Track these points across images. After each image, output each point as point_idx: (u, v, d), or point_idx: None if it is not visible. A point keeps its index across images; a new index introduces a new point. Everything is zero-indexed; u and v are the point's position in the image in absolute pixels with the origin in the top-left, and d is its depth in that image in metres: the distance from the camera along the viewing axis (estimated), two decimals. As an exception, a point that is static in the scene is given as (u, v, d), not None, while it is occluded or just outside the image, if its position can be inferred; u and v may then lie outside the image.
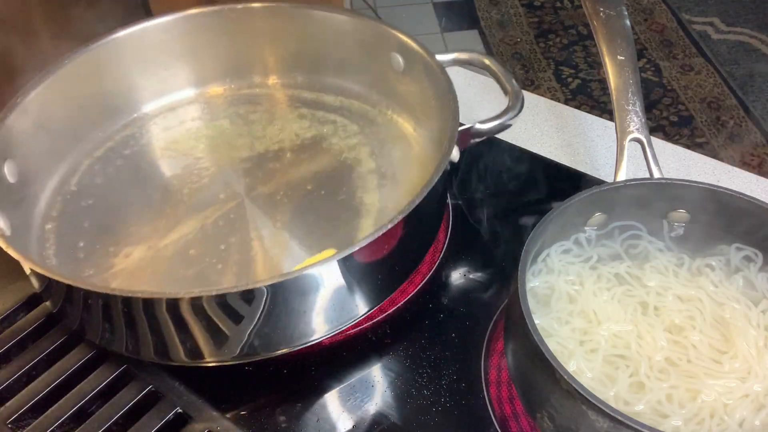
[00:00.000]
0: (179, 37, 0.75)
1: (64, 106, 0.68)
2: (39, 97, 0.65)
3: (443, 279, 0.65)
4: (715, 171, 0.76)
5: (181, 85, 0.78)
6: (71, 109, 0.69)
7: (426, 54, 0.67)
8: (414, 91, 0.71)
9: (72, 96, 0.69)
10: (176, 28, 0.74)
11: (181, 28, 0.75)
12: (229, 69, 0.79)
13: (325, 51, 0.76)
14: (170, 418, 0.54)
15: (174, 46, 0.75)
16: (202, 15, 0.74)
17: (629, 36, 0.65)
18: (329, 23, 0.74)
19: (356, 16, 0.73)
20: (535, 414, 0.50)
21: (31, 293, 0.63)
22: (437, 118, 0.66)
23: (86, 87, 0.70)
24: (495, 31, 2.52)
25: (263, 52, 0.78)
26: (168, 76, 0.77)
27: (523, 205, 0.72)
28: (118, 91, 0.74)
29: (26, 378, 0.57)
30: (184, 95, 0.79)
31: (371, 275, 0.55)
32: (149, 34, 0.73)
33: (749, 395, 0.48)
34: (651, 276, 0.55)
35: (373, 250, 0.52)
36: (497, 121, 0.62)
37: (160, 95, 0.77)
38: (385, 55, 0.72)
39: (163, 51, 0.75)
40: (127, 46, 0.72)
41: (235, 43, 0.77)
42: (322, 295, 0.52)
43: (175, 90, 0.78)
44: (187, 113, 0.77)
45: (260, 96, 0.78)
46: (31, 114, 0.65)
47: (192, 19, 0.75)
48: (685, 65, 2.32)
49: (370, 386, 0.57)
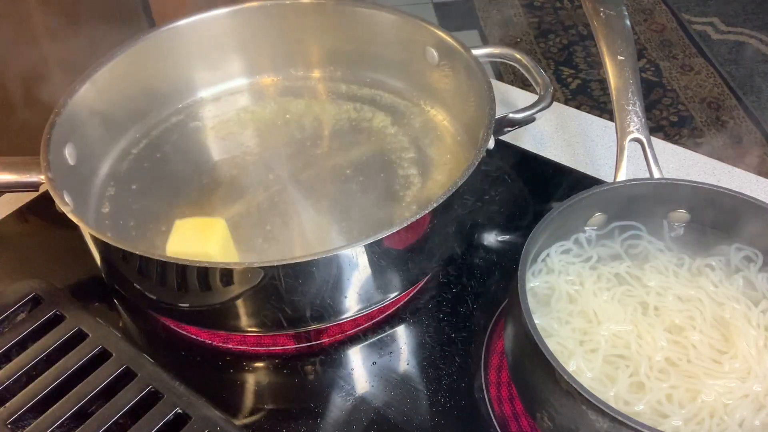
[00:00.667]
0: (232, 29, 0.78)
1: (119, 92, 0.72)
2: (95, 85, 0.68)
3: (443, 279, 0.65)
4: (715, 171, 0.76)
5: (232, 75, 0.82)
6: (125, 95, 0.73)
7: (462, 48, 0.70)
8: (448, 84, 0.74)
9: (126, 83, 0.72)
10: (230, 20, 0.78)
11: (235, 20, 0.78)
12: (278, 61, 0.82)
13: (364, 46, 0.80)
14: (170, 418, 0.54)
15: (227, 37, 0.79)
16: (254, 9, 0.78)
17: (629, 36, 0.65)
18: (370, 19, 0.77)
19: (395, 13, 0.76)
20: (535, 414, 0.50)
21: (32, 293, 0.63)
22: (470, 109, 0.70)
23: (141, 75, 0.74)
24: (495, 31, 2.52)
25: (308, 46, 0.82)
26: (221, 65, 0.80)
27: (523, 205, 0.72)
28: (172, 78, 0.77)
29: (26, 378, 0.57)
30: (235, 84, 0.82)
31: (402, 260, 0.57)
32: (205, 24, 0.77)
33: (749, 395, 0.48)
34: (651, 276, 0.55)
35: (411, 233, 0.55)
36: (530, 110, 0.66)
37: (212, 84, 0.81)
38: (420, 50, 0.75)
39: (217, 41, 0.78)
40: (183, 35, 0.76)
41: (283, 36, 0.80)
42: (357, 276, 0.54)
43: (227, 79, 0.81)
44: (237, 102, 0.81)
45: (304, 88, 0.82)
46: (88, 100, 0.68)
47: (245, 12, 0.78)
48: (685, 65, 2.32)
49: (370, 386, 0.57)
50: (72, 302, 0.62)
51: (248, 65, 0.82)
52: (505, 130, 0.67)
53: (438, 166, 0.71)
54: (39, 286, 0.63)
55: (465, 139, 0.73)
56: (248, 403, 0.57)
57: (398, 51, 0.78)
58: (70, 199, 0.60)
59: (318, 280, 0.53)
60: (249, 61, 0.81)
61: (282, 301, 0.54)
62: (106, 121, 0.71)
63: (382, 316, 0.62)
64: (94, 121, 0.69)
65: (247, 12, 0.78)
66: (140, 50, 0.72)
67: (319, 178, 0.70)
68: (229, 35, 0.78)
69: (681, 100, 2.18)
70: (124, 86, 0.72)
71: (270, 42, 0.80)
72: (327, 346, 0.60)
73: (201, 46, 0.77)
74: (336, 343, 0.60)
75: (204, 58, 0.78)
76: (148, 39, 0.73)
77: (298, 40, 0.80)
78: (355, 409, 0.56)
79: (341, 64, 0.82)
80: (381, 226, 0.52)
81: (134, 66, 0.72)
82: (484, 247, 0.68)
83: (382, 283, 0.57)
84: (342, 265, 0.53)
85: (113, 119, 0.72)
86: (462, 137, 0.73)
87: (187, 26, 0.75)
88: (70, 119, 0.65)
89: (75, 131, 0.66)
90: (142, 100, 0.75)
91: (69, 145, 0.64)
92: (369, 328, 0.61)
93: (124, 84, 0.72)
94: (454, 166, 0.70)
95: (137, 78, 0.73)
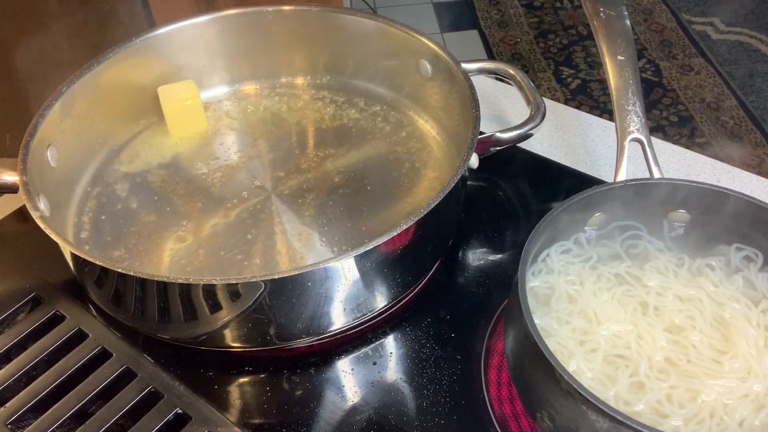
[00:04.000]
0: (215, 36, 0.77)
1: (103, 98, 0.71)
2: (80, 89, 0.68)
3: (443, 279, 0.65)
4: (715, 171, 0.76)
5: (215, 82, 0.81)
6: (110, 99, 0.72)
7: (452, 62, 0.68)
8: (440, 98, 0.73)
9: (109, 89, 0.71)
10: (213, 27, 0.77)
11: (217, 27, 0.77)
12: (261, 69, 0.81)
13: (353, 55, 0.79)
14: (170, 418, 0.54)
15: (210, 44, 0.78)
16: (237, 16, 0.77)
17: (629, 36, 0.65)
18: (358, 28, 0.76)
19: (385, 22, 0.74)
20: (535, 414, 0.50)
21: (32, 293, 0.63)
22: (461, 124, 0.68)
23: (124, 81, 0.73)
24: (495, 31, 2.52)
25: (293, 54, 0.80)
26: (203, 73, 0.79)
27: (522, 205, 0.72)
28: (155, 85, 0.76)
29: (26, 378, 0.57)
30: (218, 92, 0.81)
31: (381, 274, 0.56)
32: (187, 32, 0.76)
33: (749, 395, 0.48)
34: (651, 276, 0.55)
35: (387, 250, 0.54)
36: (518, 130, 0.65)
37: None
38: (412, 61, 0.74)
39: (199, 49, 0.77)
40: (166, 42, 0.75)
41: (266, 44, 0.79)
42: (339, 288, 0.54)
43: (209, 87, 0.81)
44: (220, 109, 0.80)
45: (289, 96, 0.81)
46: (73, 104, 0.67)
47: (227, 19, 0.77)
48: (685, 65, 2.32)
49: (370, 386, 0.57)
50: (72, 302, 0.62)
51: (231, 73, 0.81)
52: (490, 150, 0.66)
53: (426, 178, 0.70)
54: (39, 286, 0.63)
55: (454, 152, 0.71)
56: (248, 404, 0.57)
57: (390, 61, 0.77)
58: (47, 203, 0.60)
59: (305, 293, 0.52)
60: (232, 68, 0.80)
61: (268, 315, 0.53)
62: (90, 124, 0.70)
63: (383, 317, 0.62)
64: (78, 124, 0.68)
65: (228, 19, 0.76)
66: (122, 58, 0.71)
67: (304, 188, 0.69)
68: (212, 42, 0.77)
69: (681, 100, 2.18)
70: (106, 93, 0.71)
71: (253, 49, 0.79)
72: (327, 346, 0.60)
73: (181, 54, 0.76)
74: (336, 344, 0.60)
75: (185, 66, 0.77)
76: (131, 46, 0.72)
77: (282, 47, 0.79)
78: (355, 410, 0.56)
79: (329, 73, 0.81)
80: (368, 237, 0.52)
81: (116, 73, 0.71)
82: (484, 248, 0.68)
83: (372, 292, 0.57)
84: (331, 277, 0.52)
85: (97, 123, 0.71)
86: (451, 150, 0.72)
87: (167, 34, 0.74)
88: (52, 122, 0.64)
89: (58, 134, 0.65)
90: (124, 108, 0.74)
91: (51, 147, 0.64)
92: (369, 329, 0.61)
93: (105, 90, 0.71)
94: (442, 179, 0.69)
95: (118, 85, 0.72)
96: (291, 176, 0.71)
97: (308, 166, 0.72)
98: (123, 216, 0.67)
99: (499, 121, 0.83)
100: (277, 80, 0.82)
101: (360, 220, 0.66)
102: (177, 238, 0.65)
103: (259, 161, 0.73)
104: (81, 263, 0.54)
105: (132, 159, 0.73)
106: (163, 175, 0.71)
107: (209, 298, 0.51)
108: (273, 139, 0.75)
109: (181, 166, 0.73)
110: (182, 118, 0.75)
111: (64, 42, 0.88)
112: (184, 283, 0.50)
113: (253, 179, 0.70)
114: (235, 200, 0.68)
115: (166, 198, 0.69)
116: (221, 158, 0.73)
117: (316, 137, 0.76)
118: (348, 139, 0.75)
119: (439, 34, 2.53)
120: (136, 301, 0.54)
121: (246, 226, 0.65)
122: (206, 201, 0.68)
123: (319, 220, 0.66)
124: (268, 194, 0.69)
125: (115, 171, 0.72)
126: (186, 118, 0.75)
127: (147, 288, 0.52)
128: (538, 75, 2.30)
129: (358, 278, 0.54)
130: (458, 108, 0.69)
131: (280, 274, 0.50)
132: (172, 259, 0.63)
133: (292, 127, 0.77)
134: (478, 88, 0.66)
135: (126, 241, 0.65)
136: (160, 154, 0.74)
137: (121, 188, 0.70)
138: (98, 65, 0.69)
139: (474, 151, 0.59)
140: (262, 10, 0.77)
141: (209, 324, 0.54)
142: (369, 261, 0.53)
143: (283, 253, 0.63)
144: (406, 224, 0.52)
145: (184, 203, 0.68)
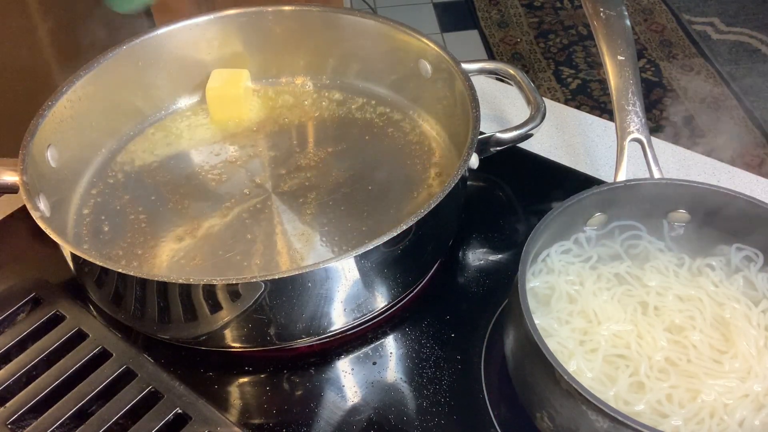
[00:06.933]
0: (215, 36, 0.77)
1: (102, 98, 0.71)
2: (81, 90, 0.68)
3: (443, 279, 0.65)
4: (715, 171, 0.76)
5: None
6: (108, 101, 0.72)
7: (452, 62, 0.68)
8: (439, 98, 0.73)
9: (109, 89, 0.71)
10: (213, 27, 0.76)
11: (217, 27, 0.77)
12: (261, 68, 0.81)
13: (353, 55, 0.78)
14: (170, 418, 0.54)
15: (208, 44, 0.77)
16: (237, 16, 0.76)
17: (629, 36, 0.65)
18: (358, 28, 0.76)
19: (385, 22, 0.74)
20: (535, 414, 0.50)
21: (32, 293, 0.63)
22: (461, 124, 0.68)
23: (124, 82, 0.73)
24: (495, 31, 2.52)
25: (293, 54, 0.80)
26: (201, 73, 0.78)
27: (522, 205, 0.72)
28: (153, 87, 0.76)
29: (26, 378, 0.57)
30: None
31: (382, 274, 0.56)
32: (187, 32, 0.75)
33: (749, 395, 0.48)
34: (651, 276, 0.55)
35: (387, 250, 0.54)
36: (518, 131, 0.65)
37: (192, 92, 0.79)
38: (413, 61, 0.74)
39: (199, 49, 0.77)
40: (166, 42, 0.74)
41: (266, 44, 0.79)
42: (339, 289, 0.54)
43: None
44: None
45: (289, 95, 0.80)
46: (74, 104, 0.67)
47: (227, 19, 0.76)
48: (685, 65, 2.32)
49: (370, 386, 0.57)
50: (72, 302, 0.62)
51: None
52: (490, 150, 0.66)
53: (426, 178, 0.70)
54: (39, 286, 0.64)
55: (454, 152, 0.71)
56: (248, 404, 0.57)
57: (390, 61, 0.76)
58: (47, 203, 0.60)
59: (305, 293, 0.52)
60: (231, 68, 0.79)
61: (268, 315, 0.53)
62: (90, 124, 0.70)
63: (383, 317, 0.62)
64: (78, 124, 0.68)
65: (227, 19, 0.76)
66: (121, 59, 0.71)
67: (305, 185, 0.69)
68: (211, 42, 0.77)
69: (681, 100, 2.18)
70: (106, 93, 0.71)
71: (253, 49, 0.79)
72: (327, 346, 0.60)
73: (181, 54, 0.76)
74: (336, 344, 0.60)
75: (185, 66, 0.77)
76: (130, 47, 0.72)
77: (283, 46, 0.79)
78: (355, 410, 0.56)
79: (329, 73, 0.81)
80: (368, 237, 0.52)
81: (115, 74, 0.71)
82: (484, 248, 0.68)
83: (372, 292, 0.57)
84: (331, 277, 0.52)
85: (97, 123, 0.71)
86: (451, 151, 0.72)
87: (167, 34, 0.74)
88: (53, 122, 0.64)
89: (59, 134, 0.65)
90: (124, 109, 0.74)
91: (51, 147, 0.64)
92: (369, 329, 0.61)
93: (106, 91, 0.71)
94: (444, 178, 0.69)
95: (118, 86, 0.72)
96: (291, 175, 0.71)
97: (308, 165, 0.72)
98: (123, 216, 0.67)
99: (499, 121, 0.83)
100: (277, 80, 0.82)
101: (360, 220, 0.66)
102: (177, 237, 0.65)
103: (259, 161, 0.73)
104: (81, 263, 0.54)
105: (132, 159, 0.73)
106: (163, 175, 0.71)
107: (209, 299, 0.51)
108: (273, 138, 0.75)
109: (181, 166, 0.73)
110: (220, 103, 0.76)
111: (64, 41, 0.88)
112: (184, 283, 0.50)
113: (253, 178, 0.70)
114: (234, 199, 0.68)
115: (165, 198, 0.69)
116: (221, 157, 0.73)
117: (316, 137, 0.76)
118: (348, 139, 0.75)
119: (439, 34, 2.53)
120: (136, 301, 0.54)
121: (246, 226, 0.65)
122: (206, 200, 0.68)
123: (320, 219, 0.66)
124: (268, 194, 0.69)
125: (115, 171, 0.72)
126: (224, 104, 0.76)
127: (147, 288, 0.52)
128: (538, 75, 2.30)
129: (358, 278, 0.54)
130: (458, 108, 0.69)
131: (280, 274, 0.50)
132: (171, 259, 0.63)
133: (292, 127, 0.77)
134: (478, 88, 0.66)
135: (126, 241, 0.65)
136: (160, 154, 0.74)
137: (121, 188, 0.70)
138: (98, 65, 0.69)
139: (474, 151, 0.59)
140: (262, 10, 0.76)
141: (209, 324, 0.54)
142: (369, 261, 0.53)
143: (283, 253, 0.63)
144: (406, 224, 0.52)
145: (184, 203, 0.68)
